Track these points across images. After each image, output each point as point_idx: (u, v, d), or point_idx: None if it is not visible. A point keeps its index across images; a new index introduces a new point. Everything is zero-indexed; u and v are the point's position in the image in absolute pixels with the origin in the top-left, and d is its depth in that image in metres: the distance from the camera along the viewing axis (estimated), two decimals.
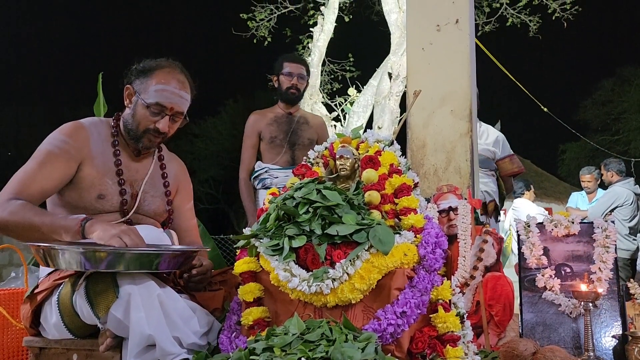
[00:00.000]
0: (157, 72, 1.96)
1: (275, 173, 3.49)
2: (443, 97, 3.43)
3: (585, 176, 6.26)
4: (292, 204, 1.75)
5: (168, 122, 1.96)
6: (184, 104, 1.99)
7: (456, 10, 3.49)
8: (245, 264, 1.78)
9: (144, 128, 1.95)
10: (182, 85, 1.99)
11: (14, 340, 2.42)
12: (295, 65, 3.57)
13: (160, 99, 1.93)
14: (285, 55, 3.66)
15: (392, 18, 8.07)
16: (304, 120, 3.62)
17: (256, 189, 3.58)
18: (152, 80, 1.94)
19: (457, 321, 1.68)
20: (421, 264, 1.70)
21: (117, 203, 1.95)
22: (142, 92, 1.94)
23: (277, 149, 3.53)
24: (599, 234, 2.48)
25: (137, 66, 2.00)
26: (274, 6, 9.76)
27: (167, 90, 1.94)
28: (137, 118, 1.96)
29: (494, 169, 4.17)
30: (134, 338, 1.59)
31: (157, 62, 2.00)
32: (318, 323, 1.53)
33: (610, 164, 5.83)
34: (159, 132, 1.96)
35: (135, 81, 1.97)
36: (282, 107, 3.61)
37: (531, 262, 2.50)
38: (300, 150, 3.51)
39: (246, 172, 3.60)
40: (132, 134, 1.98)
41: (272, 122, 3.56)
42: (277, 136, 3.53)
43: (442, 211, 2.81)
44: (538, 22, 9.74)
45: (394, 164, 1.95)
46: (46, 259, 1.61)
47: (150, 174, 2.07)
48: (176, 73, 1.99)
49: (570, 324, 2.42)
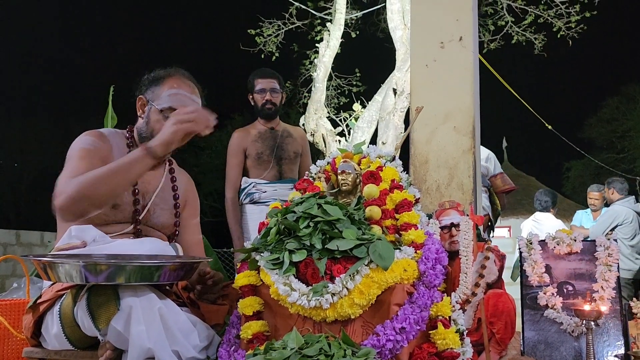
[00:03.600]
0: (167, 79, 2.01)
1: (263, 187, 3.48)
2: (446, 114, 3.45)
3: (594, 193, 6.22)
4: (292, 218, 1.76)
5: None
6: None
7: (460, 27, 3.51)
8: (245, 277, 1.79)
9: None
10: (193, 90, 2.04)
11: (14, 351, 2.42)
12: (266, 80, 3.54)
13: (172, 102, 1.96)
14: (255, 72, 3.62)
15: (397, 35, 8.13)
16: (287, 133, 3.61)
17: (242, 204, 3.56)
18: (164, 87, 1.99)
19: (456, 338, 1.67)
20: (421, 280, 1.70)
21: (129, 213, 1.96)
22: (154, 100, 1.99)
23: (264, 164, 3.51)
24: (602, 252, 2.47)
25: (148, 76, 2.05)
26: (281, 22, 9.86)
27: (179, 94, 1.98)
28: (151, 125, 1.99)
29: (487, 185, 4.23)
30: (134, 351, 1.59)
31: (167, 70, 2.05)
32: (317, 338, 1.53)
33: (613, 182, 5.82)
34: None
35: (147, 91, 2.02)
36: (262, 122, 3.58)
37: (533, 280, 2.50)
38: (286, 165, 3.53)
39: (233, 191, 3.57)
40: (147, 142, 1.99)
41: (257, 138, 3.54)
42: (264, 152, 3.51)
43: (444, 227, 2.81)
44: (543, 40, 9.78)
45: (396, 180, 1.96)
46: (47, 272, 1.62)
47: (162, 186, 2.08)
48: (185, 79, 2.05)
49: (572, 343, 2.41)
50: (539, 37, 9.77)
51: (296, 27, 9.95)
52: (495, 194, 4.27)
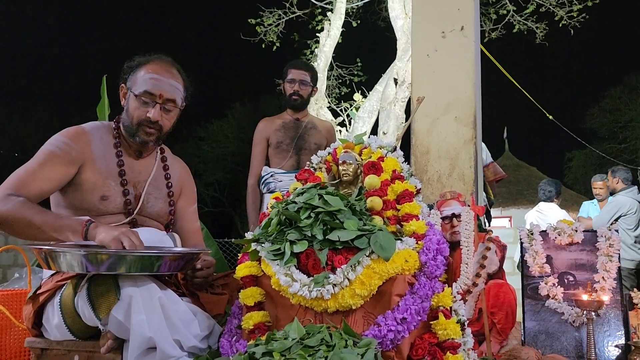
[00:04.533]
0: (145, 64, 1.98)
1: (280, 177, 3.51)
2: (447, 104, 3.44)
3: (598, 183, 6.22)
4: (294, 209, 1.76)
5: (159, 111, 1.95)
6: (173, 91, 1.98)
7: (461, 17, 3.49)
8: (246, 268, 1.79)
9: (138, 121, 1.95)
10: (172, 75, 1.99)
11: (16, 340, 2.43)
12: (297, 71, 3.59)
13: (147, 87, 1.93)
14: (291, 62, 3.69)
15: (399, 24, 8.09)
16: (312, 125, 3.64)
17: (262, 194, 3.60)
18: (141, 72, 1.96)
19: (457, 328, 1.67)
20: (422, 271, 1.70)
21: (120, 204, 1.96)
22: (132, 86, 1.96)
23: (283, 153, 3.55)
24: (603, 243, 2.47)
25: (129, 64, 2.02)
26: (282, 11, 9.81)
27: (155, 78, 1.94)
28: (130, 112, 1.96)
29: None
30: (135, 340, 1.59)
31: (147, 57, 2.01)
32: (318, 328, 1.53)
33: (617, 171, 5.81)
34: (151, 122, 1.95)
35: (128, 79, 1.99)
36: (290, 113, 3.64)
37: (534, 270, 2.50)
38: (306, 155, 3.53)
39: (254, 179, 3.63)
40: (129, 130, 1.98)
41: (280, 127, 3.59)
42: (284, 141, 3.55)
43: (445, 218, 2.81)
44: (545, 29, 9.73)
45: (397, 170, 1.95)
46: (48, 261, 1.62)
47: (154, 175, 2.07)
48: (166, 65, 2.00)
49: (572, 333, 2.41)
50: (541, 26, 9.73)
51: (297, 17, 9.90)
52: (487, 184, 4.31)
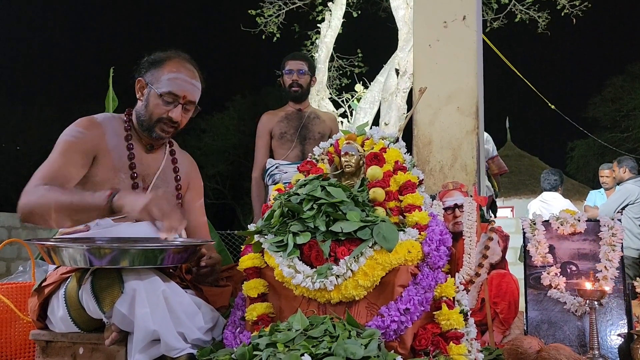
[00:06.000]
0: (167, 62, 1.99)
1: (284, 168, 3.51)
2: (449, 94, 3.43)
3: (605, 171, 6.22)
4: (296, 201, 1.76)
5: (181, 111, 1.99)
6: (195, 92, 2.02)
7: (463, 6, 3.47)
8: (249, 259, 1.79)
9: (157, 117, 1.97)
10: (193, 74, 2.02)
11: (21, 333, 2.44)
12: (294, 62, 3.60)
13: (173, 87, 1.95)
14: (288, 55, 3.69)
15: (400, 14, 8.05)
16: (315, 115, 3.65)
17: (267, 186, 3.61)
18: (164, 70, 1.97)
19: (460, 318, 1.67)
20: (425, 261, 1.70)
21: None
22: (154, 83, 1.97)
23: (287, 144, 3.55)
24: (605, 232, 2.47)
25: (147, 58, 2.03)
26: (282, 2, 9.75)
27: (179, 79, 1.97)
28: (150, 108, 1.98)
29: (486, 167, 4.24)
30: (139, 333, 1.60)
31: (167, 53, 2.03)
32: (321, 319, 1.54)
33: (624, 160, 5.80)
34: (172, 122, 1.98)
35: (146, 73, 2.00)
36: (292, 104, 3.65)
37: (537, 260, 2.50)
38: (310, 145, 3.53)
39: (259, 172, 3.64)
40: (145, 125, 2.00)
41: (283, 119, 3.60)
42: (287, 131, 3.56)
43: (448, 208, 2.81)
44: (547, 18, 9.68)
45: (399, 161, 1.95)
46: (51, 256, 1.63)
47: (162, 168, 2.08)
48: (186, 63, 2.03)
49: (575, 322, 2.42)
50: (543, 15, 9.67)
51: (297, 7, 9.84)
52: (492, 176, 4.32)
